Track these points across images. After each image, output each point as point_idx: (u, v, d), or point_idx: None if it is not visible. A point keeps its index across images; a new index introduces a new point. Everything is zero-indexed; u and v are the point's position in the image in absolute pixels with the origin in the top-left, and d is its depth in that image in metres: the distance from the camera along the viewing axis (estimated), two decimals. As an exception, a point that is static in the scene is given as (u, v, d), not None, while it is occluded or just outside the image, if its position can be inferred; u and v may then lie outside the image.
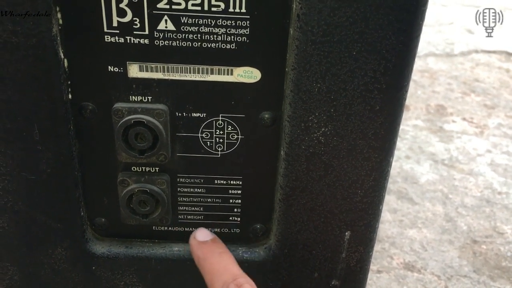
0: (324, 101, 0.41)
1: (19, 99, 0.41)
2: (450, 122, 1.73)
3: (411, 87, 1.96)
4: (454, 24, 2.56)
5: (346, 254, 0.48)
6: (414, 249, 1.18)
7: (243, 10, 0.39)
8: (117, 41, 0.40)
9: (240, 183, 0.46)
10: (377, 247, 1.21)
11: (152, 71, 0.41)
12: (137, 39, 0.40)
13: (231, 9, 0.39)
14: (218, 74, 0.42)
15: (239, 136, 0.44)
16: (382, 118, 0.41)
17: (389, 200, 1.33)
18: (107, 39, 0.40)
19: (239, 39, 0.40)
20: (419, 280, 1.08)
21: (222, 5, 0.39)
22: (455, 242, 1.21)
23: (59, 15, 0.39)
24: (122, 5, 0.39)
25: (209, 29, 0.40)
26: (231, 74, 0.42)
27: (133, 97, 0.42)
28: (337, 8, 0.37)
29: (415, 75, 2.02)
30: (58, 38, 0.39)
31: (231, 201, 0.47)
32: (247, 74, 0.42)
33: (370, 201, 0.45)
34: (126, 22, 0.40)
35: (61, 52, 0.40)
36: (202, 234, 0.47)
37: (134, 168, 0.46)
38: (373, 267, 1.13)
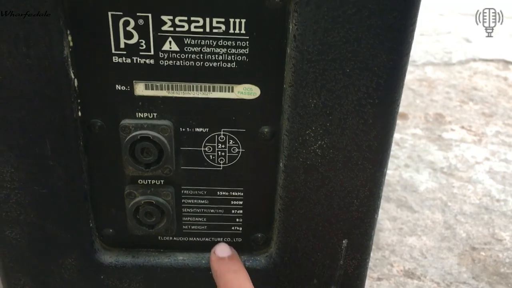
0: (320, 116, 0.43)
1: (32, 117, 0.43)
2: (449, 130, 1.75)
3: (410, 96, 1.98)
4: (452, 33, 2.59)
5: (343, 261, 0.50)
6: (413, 256, 1.20)
7: (243, 31, 0.42)
8: (124, 61, 0.43)
9: (242, 194, 0.49)
10: (377, 254, 1.22)
11: (157, 89, 0.44)
12: (143, 60, 0.43)
13: (231, 31, 0.42)
14: (220, 91, 0.44)
15: (240, 150, 0.47)
16: (375, 131, 0.43)
17: (389, 209, 1.35)
18: (115, 60, 0.43)
19: (239, 58, 0.43)
20: (419, 287, 1.10)
21: (223, 27, 0.41)
22: (454, 249, 1.23)
23: (69, 38, 0.42)
24: (129, 28, 0.42)
25: (211, 49, 0.42)
26: (232, 91, 0.44)
27: (139, 113, 0.45)
28: (331, 29, 0.40)
29: (413, 84, 2.04)
30: (69, 59, 0.42)
31: (233, 211, 0.50)
32: (247, 91, 0.44)
33: (366, 210, 0.47)
34: (132, 44, 0.42)
35: (71, 72, 0.43)
36: (221, 250, 0.49)
37: (140, 181, 0.48)
38: (373, 274, 1.15)
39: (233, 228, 0.50)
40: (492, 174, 1.51)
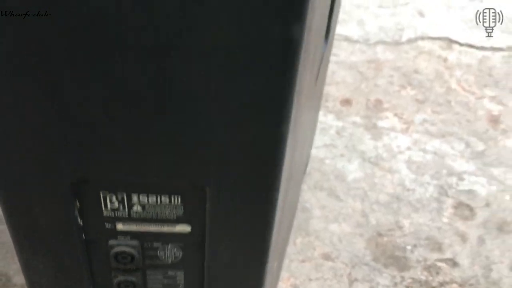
0: (223, 239, 0.75)
1: (55, 240, 0.74)
2: (384, 118, 2.01)
3: (357, 80, 2.20)
4: (408, 5, 2.76)
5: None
6: (332, 241, 1.55)
7: (180, 202, 0.72)
8: (110, 215, 0.73)
9: (183, 273, 0.82)
10: (305, 240, 1.58)
11: (130, 227, 0.75)
12: (121, 214, 0.73)
13: (172, 202, 0.72)
14: (167, 227, 0.75)
15: (181, 252, 0.79)
16: (259, 237, 0.75)
17: (321, 197, 1.67)
18: (105, 214, 0.73)
19: (178, 214, 0.73)
20: (332, 268, 1.47)
21: (167, 200, 0.72)
22: (365, 235, 1.57)
23: (77, 204, 0.72)
24: (112, 200, 0.71)
25: (161, 211, 0.73)
26: (175, 227, 0.75)
27: (120, 237, 0.76)
28: (232, 211, 0.70)
29: (363, 66, 2.27)
30: (77, 215, 0.72)
31: (178, 281, 0.83)
32: (184, 228, 0.75)
33: (256, 276, 0.81)
34: (115, 208, 0.72)
35: (79, 219, 0.73)
36: None
37: (120, 269, 0.80)
38: (299, 257, 1.51)
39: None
40: (409, 164, 1.82)
